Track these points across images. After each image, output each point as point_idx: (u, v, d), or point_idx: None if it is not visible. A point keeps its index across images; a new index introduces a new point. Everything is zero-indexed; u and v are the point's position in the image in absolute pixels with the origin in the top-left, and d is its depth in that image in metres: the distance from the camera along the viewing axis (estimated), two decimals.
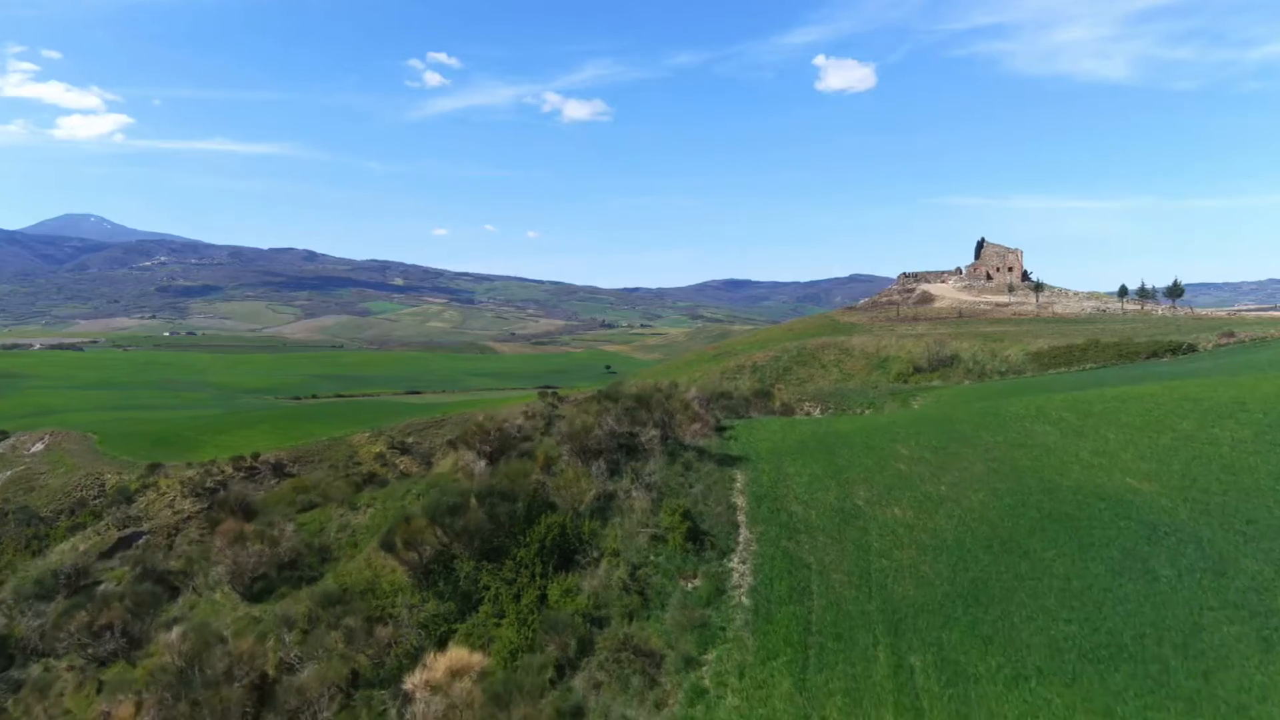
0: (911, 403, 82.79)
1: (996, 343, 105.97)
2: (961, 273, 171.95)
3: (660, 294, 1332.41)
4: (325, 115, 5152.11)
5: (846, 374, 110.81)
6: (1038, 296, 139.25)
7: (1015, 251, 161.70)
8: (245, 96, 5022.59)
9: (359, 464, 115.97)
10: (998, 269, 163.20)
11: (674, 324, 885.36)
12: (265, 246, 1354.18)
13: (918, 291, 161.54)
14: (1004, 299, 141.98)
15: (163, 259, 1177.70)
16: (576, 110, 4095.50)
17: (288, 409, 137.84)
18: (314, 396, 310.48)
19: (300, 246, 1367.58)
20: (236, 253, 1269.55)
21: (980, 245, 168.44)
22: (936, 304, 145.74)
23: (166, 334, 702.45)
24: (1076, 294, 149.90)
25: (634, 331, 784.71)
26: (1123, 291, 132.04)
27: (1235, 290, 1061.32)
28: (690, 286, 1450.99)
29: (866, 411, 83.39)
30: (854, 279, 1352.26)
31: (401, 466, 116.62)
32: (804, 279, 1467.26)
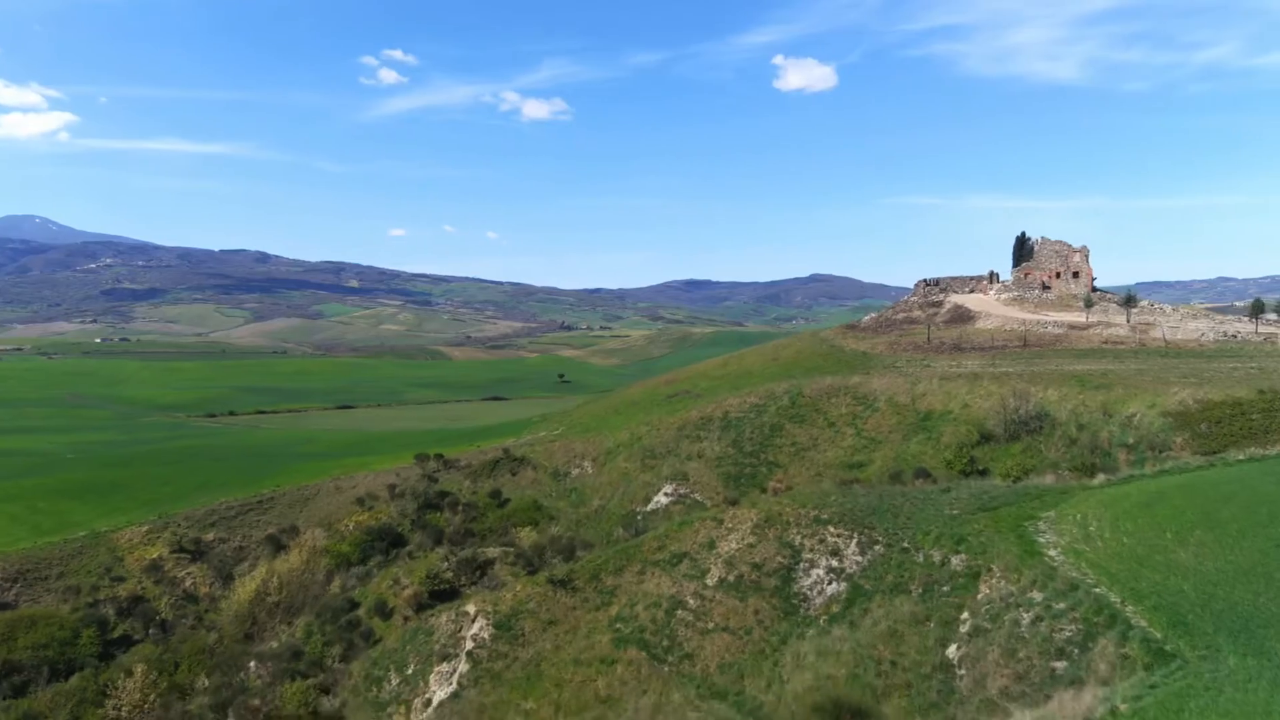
0: (1038, 543, 42.58)
1: (1103, 391, 65.96)
2: (999, 279, 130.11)
3: (621, 295, 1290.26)
4: (279, 114, 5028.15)
5: (869, 439, 70.15)
6: (1129, 314, 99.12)
7: (1081, 250, 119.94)
8: (196, 95, 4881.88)
9: (121, 579, 73.28)
10: (1057, 274, 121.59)
11: (634, 325, 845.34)
12: (216, 248, 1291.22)
13: (947, 305, 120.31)
14: (1077, 317, 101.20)
15: (108, 261, 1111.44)
16: (535, 109, 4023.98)
17: (57, 480, 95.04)
18: (232, 413, 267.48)
19: (253, 248, 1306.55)
20: (186, 254, 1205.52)
21: (1022, 242, 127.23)
22: (979, 324, 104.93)
23: (99, 340, 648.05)
24: (1176, 308, 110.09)
25: (593, 334, 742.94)
26: (1257, 309, 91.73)
27: (1186, 289, 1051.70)
28: (651, 287, 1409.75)
29: (957, 569, 42.66)
30: (814, 279, 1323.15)
31: (187, 583, 74.03)
32: (764, 279, 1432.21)
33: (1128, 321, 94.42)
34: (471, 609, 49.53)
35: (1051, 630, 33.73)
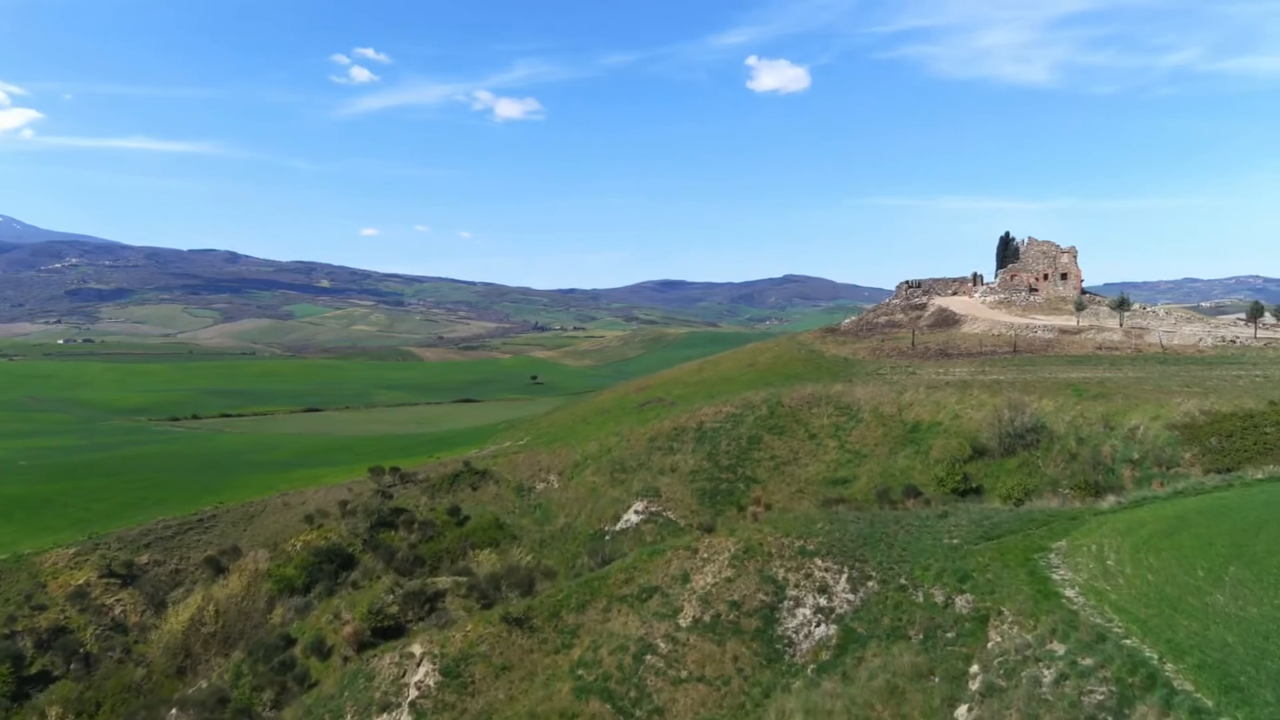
0: (1052, 580, 37.87)
1: (1102, 401, 61.58)
2: (983, 281, 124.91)
3: (595, 295, 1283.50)
4: (249, 113, 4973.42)
5: (853, 452, 65.38)
6: (1122, 318, 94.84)
7: (1069, 250, 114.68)
8: (165, 93, 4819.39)
9: (42, 608, 66.93)
10: (1045, 275, 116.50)
11: (608, 326, 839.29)
12: (185, 248, 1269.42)
13: (931, 308, 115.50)
14: (1068, 321, 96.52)
15: (74, 260, 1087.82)
16: (509, 109, 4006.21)
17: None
18: (195, 417, 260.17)
19: (222, 248, 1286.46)
20: (154, 254, 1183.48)
21: (1006, 243, 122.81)
22: (965, 327, 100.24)
23: (61, 341, 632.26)
24: (1169, 312, 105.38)
25: (567, 335, 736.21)
26: (1255, 312, 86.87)
27: (1153, 289, 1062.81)
28: (626, 287, 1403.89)
29: (962, 612, 37.94)
30: (788, 279, 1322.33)
31: (116, 611, 67.79)
32: (738, 279, 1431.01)
33: (1120, 326, 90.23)
34: (417, 650, 44.04)
35: (1079, 692, 28.82)
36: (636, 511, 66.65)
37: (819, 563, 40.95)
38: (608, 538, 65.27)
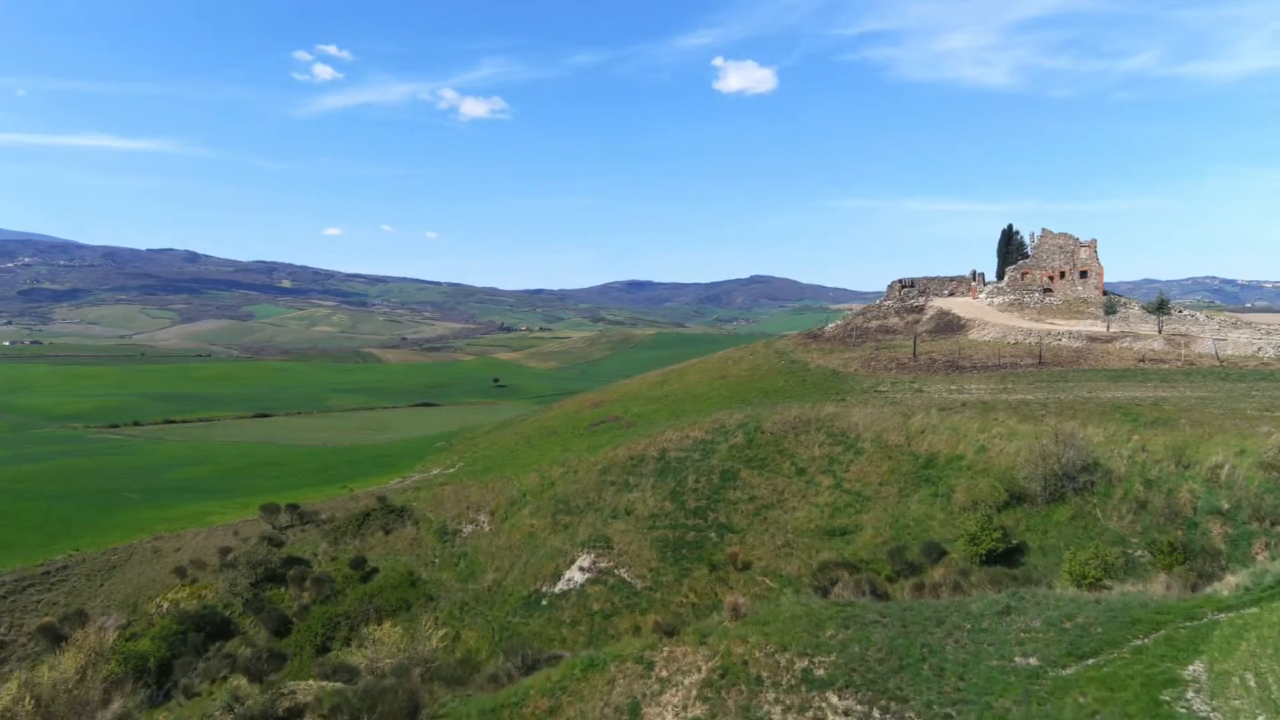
0: None
1: (1165, 430, 48.30)
2: (983, 279, 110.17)
3: (562, 295, 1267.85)
4: (209, 110, 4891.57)
5: (853, 494, 51.51)
6: (1160, 323, 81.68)
7: (1089, 244, 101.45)
8: (123, 89, 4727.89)
9: None
10: (1061, 273, 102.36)
11: (575, 326, 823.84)
12: (143, 247, 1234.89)
13: (930, 311, 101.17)
14: (1093, 326, 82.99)
15: (27, 260, 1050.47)
16: (474, 108, 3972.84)
17: None
18: (136, 424, 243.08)
19: (181, 247, 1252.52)
20: (111, 253, 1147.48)
21: (1009, 238, 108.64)
22: (973, 334, 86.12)
23: (7, 343, 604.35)
24: (1210, 315, 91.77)
25: (532, 336, 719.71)
26: None
27: (1114, 290, 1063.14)
28: (593, 288, 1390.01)
29: None
30: (754, 280, 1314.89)
31: None
32: (705, 280, 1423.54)
33: (1160, 332, 77.32)
34: None
35: None
36: (582, 568, 52.43)
37: (833, 699, 26.95)
38: (544, 602, 51.06)
